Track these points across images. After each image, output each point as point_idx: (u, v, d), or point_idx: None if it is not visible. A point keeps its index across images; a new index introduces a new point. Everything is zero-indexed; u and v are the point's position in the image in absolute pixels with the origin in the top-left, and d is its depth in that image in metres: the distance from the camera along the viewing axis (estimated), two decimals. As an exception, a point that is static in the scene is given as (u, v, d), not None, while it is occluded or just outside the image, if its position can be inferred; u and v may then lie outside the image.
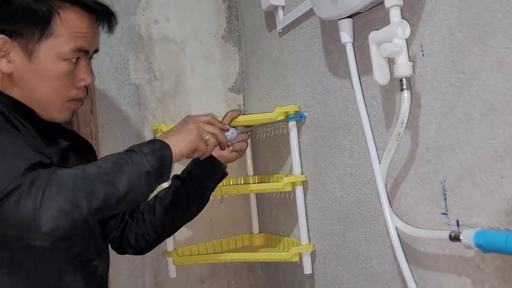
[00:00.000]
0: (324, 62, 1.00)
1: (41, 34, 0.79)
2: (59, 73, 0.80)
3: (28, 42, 0.78)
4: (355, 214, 0.94)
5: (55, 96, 0.81)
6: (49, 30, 0.79)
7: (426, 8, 0.72)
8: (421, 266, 0.77)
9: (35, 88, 0.80)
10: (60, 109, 0.83)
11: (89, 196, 0.65)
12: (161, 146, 0.77)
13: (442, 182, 0.71)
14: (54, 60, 0.80)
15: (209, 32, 1.42)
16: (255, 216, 1.37)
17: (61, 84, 0.81)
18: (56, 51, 0.79)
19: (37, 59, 0.79)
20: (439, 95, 0.71)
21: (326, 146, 1.02)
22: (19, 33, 0.78)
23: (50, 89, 0.80)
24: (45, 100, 0.81)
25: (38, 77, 0.79)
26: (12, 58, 0.79)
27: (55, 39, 0.79)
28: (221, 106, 1.41)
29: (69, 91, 0.83)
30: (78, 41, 0.81)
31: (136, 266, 1.27)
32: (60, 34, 0.79)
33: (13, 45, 0.78)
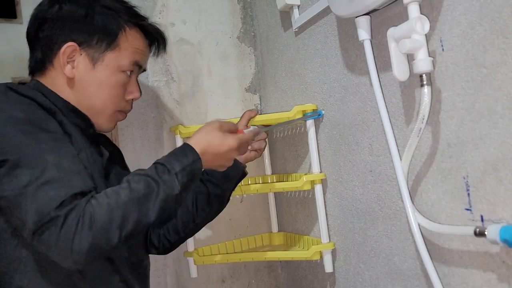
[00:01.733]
0: (341, 60, 1.00)
1: (108, 46, 0.86)
2: (116, 83, 0.87)
3: (95, 52, 0.85)
4: (375, 212, 0.94)
5: (108, 104, 0.88)
6: (116, 43, 0.86)
7: (445, 2, 0.71)
8: (445, 263, 0.76)
9: (92, 94, 0.86)
10: (109, 118, 0.90)
11: (120, 226, 0.69)
12: (192, 160, 0.79)
13: (465, 177, 0.71)
14: (114, 70, 0.87)
15: (224, 33, 1.43)
16: (274, 215, 1.37)
17: (116, 94, 0.88)
18: (118, 62, 0.87)
19: (100, 67, 0.86)
20: (460, 90, 0.70)
21: (344, 144, 1.02)
22: (88, 43, 0.85)
23: (106, 97, 0.87)
24: (99, 107, 0.87)
25: (97, 84, 0.86)
26: (77, 64, 0.85)
27: (119, 52, 0.87)
28: (238, 106, 1.42)
29: (120, 102, 0.90)
30: (136, 56, 0.89)
31: (158, 266, 1.28)
32: (123, 48, 0.87)
33: (81, 53, 0.85)
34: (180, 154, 0.80)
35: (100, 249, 0.68)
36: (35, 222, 0.65)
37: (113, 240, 0.69)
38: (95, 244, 0.67)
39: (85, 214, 0.67)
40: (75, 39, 0.84)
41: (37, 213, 0.65)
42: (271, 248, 1.32)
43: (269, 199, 1.38)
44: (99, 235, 0.67)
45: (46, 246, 0.66)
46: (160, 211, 0.73)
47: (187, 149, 0.81)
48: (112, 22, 0.86)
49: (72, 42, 0.84)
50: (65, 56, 0.84)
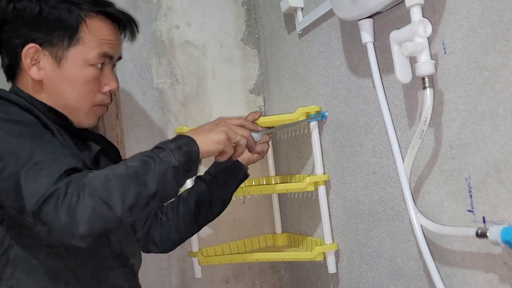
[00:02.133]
0: (344, 62, 1.01)
1: (70, 42, 0.82)
2: (86, 78, 0.84)
3: (58, 50, 0.82)
4: (378, 213, 0.94)
5: (82, 100, 0.85)
6: (77, 38, 0.83)
7: (447, 6, 0.72)
8: (447, 264, 0.77)
9: (64, 93, 0.83)
10: (87, 114, 0.87)
11: (121, 195, 0.68)
12: (187, 141, 0.78)
13: (467, 179, 0.71)
14: (81, 66, 0.83)
15: (228, 35, 1.44)
16: (278, 216, 1.38)
17: (88, 89, 0.85)
18: (84, 57, 0.83)
19: (65, 65, 0.82)
20: (462, 92, 0.71)
21: (348, 146, 1.03)
22: (49, 41, 0.82)
23: (78, 94, 0.84)
24: (73, 105, 0.84)
25: (66, 83, 0.83)
26: (42, 65, 0.82)
27: (82, 46, 0.83)
28: (242, 108, 1.43)
29: (95, 96, 0.86)
30: (103, 47, 0.85)
31: (163, 266, 1.29)
32: (87, 41, 0.83)
33: (44, 53, 0.82)
34: (175, 138, 0.80)
35: (103, 218, 0.67)
36: (35, 203, 0.65)
37: (116, 209, 0.67)
38: (98, 212, 0.66)
39: (84, 184, 0.66)
40: (35, 38, 0.81)
41: (35, 193, 0.65)
42: (274, 249, 1.33)
43: (273, 200, 1.39)
44: (101, 202, 0.66)
45: (50, 222, 0.65)
46: (159, 183, 0.71)
47: (180, 135, 0.82)
48: (70, 16, 0.82)
49: (32, 43, 0.81)
50: (28, 58, 0.81)
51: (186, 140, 0.79)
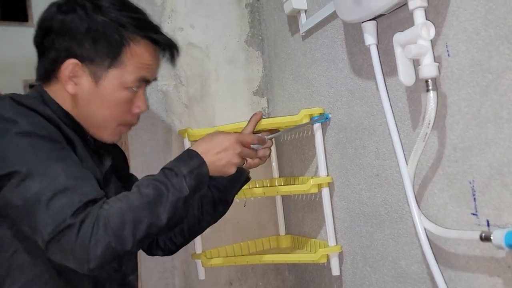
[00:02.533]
0: (347, 64, 1.01)
1: (111, 63, 0.82)
2: (119, 100, 0.84)
3: (98, 69, 0.82)
4: (382, 215, 0.94)
5: (111, 120, 0.85)
6: (119, 60, 0.82)
7: (450, 8, 0.72)
8: (451, 267, 0.77)
9: (95, 112, 0.84)
10: (112, 132, 0.87)
11: (133, 230, 0.70)
12: (198, 164, 0.81)
13: (471, 182, 0.71)
14: (117, 88, 0.83)
15: (232, 37, 1.44)
16: (281, 218, 1.38)
17: (119, 110, 0.85)
18: (121, 80, 0.83)
19: (102, 85, 0.82)
20: (465, 95, 0.71)
21: (351, 148, 1.02)
22: (91, 59, 0.81)
23: (108, 114, 0.84)
24: (101, 123, 0.85)
25: (100, 102, 0.83)
26: (79, 81, 0.82)
27: (122, 69, 0.83)
28: (246, 110, 1.43)
29: (125, 116, 0.87)
30: (142, 71, 0.85)
31: (167, 268, 1.29)
32: (127, 64, 0.83)
33: (83, 70, 0.82)
34: (187, 159, 0.81)
35: (114, 253, 0.69)
36: (51, 230, 0.66)
37: (127, 244, 0.70)
38: (110, 247, 0.68)
39: (99, 219, 0.68)
40: (78, 54, 0.81)
41: (53, 221, 0.67)
42: (278, 251, 1.33)
43: (277, 202, 1.39)
44: (114, 238, 0.68)
45: (64, 252, 0.68)
46: (171, 213, 0.74)
47: (192, 153, 0.82)
48: (116, 37, 0.82)
49: (74, 58, 0.81)
50: (67, 72, 0.81)
51: (198, 162, 0.81)
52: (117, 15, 0.82)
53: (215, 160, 0.84)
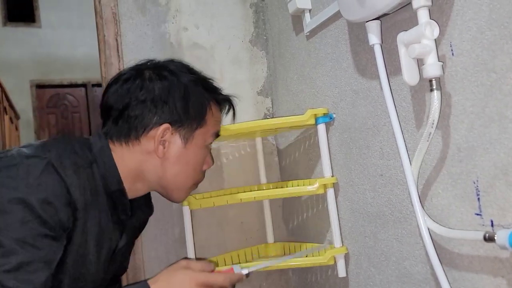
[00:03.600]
0: (352, 64, 1.01)
1: (198, 125, 0.85)
2: (201, 159, 0.87)
3: (187, 132, 0.84)
4: (386, 215, 0.94)
5: (191, 180, 0.87)
6: (204, 121, 0.86)
7: (455, 7, 0.71)
8: (455, 267, 0.76)
9: (178, 173, 0.84)
10: (187, 192, 0.89)
11: None
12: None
13: (475, 182, 0.71)
14: (201, 147, 0.86)
15: (237, 37, 1.44)
16: (270, 225, 1.36)
17: (199, 168, 0.88)
18: (205, 137, 0.87)
19: (190, 145, 0.84)
20: (470, 95, 0.70)
21: (355, 148, 1.02)
22: (182, 123, 0.83)
23: (190, 173, 0.86)
24: (182, 184, 0.86)
25: (185, 162, 0.84)
26: (168, 144, 0.83)
27: (206, 128, 0.86)
28: (250, 110, 1.43)
29: (199, 175, 0.89)
30: (217, 127, 0.90)
31: (170, 267, 1.30)
32: (209, 124, 0.87)
33: (172, 133, 0.83)
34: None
35: None
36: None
37: None
38: None
39: None
40: (169, 120, 0.82)
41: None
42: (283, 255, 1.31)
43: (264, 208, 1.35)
44: None
45: None
46: None
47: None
48: (204, 102, 0.85)
49: (167, 124, 0.82)
50: (159, 137, 0.81)
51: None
52: (202, 80, 0.88)
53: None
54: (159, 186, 0.86)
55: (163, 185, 0.86)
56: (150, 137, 0.82)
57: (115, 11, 1.30)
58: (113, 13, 1.29)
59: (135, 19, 1.33)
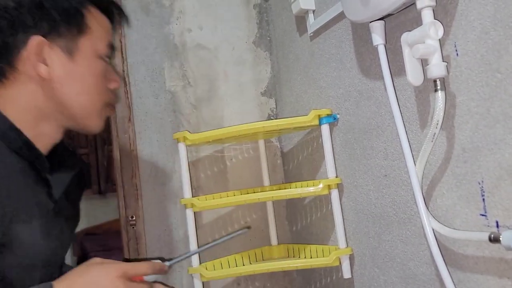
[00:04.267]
0: (356, 64, 1.00)
1: (79, 30, 0.72)
2: (98, 72, 0.75)
3: (67, 40, 0.71)
4: (390, 216, 0.94)
5: (95, 98, 0.75)
6: (85, 25, 0.73)
7: (459, 7, 0.71)
8: (460, 268, 0.76)
9: (76, 92, 0.73)
10: (99, 115, 0.77)
11: None
12: None
13: (480, 183, 0.70)
14: (93, 57, 0.74)
15: (240, 38, 1.44)
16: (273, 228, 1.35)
17: (101, 85, 0.76)
18: (95, 47, 0.74)
19: (78, 56, 0.72)
20: (474, 95, 0.70)
21: (359, 148, 1.02)
22: (56, 32, 0.71)
23: (92, 90, 0.74)
24: (87, 104, 0.74)
25: (79, 78, 0.73)
26: (50, 61, 0.71)
27: (92, 35, 0.74)
28: (254, 110, 1.43)
29: (106, 93, 0.77)
30: (109, 36, 0.77)
31: (174, 268, 1.30)
32: (94, 29, 0.74)
33: (51, 47, 0.71)
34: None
35: None
36: None
37: None
38: None
39: None
40: (39, 31, 0.69)
41: None
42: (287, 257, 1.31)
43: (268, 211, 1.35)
44: None
45: None
46: None
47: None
48: (75, 2, 0.72)
49: (37, 36, 0.69)
50: (33, 54, 0.69)
51: None
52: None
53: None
54: (67, 119, 0.74)
55: (69, 114, 0.73)
56: (25, 59, 0.69)
57: (119, 13, 1.30)
58: (117, 15, 1.30)
59: (139, 20, 1.34)
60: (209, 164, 1.37)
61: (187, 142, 1.16)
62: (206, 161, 1.37)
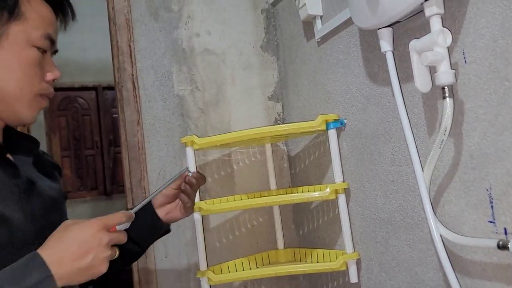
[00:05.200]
0: (363, 70, 1.01)
1: (10, 15, 0.71)
2: (29, 60, 0.73)
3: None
4: (397, 221, 0.94)
5: (25, 87, 0.73)
6: (18, 11, 0.72)
7: (467, 15, 0.72)
8: (467, 275, 0.76)
9: (3, 79, 0.72)
10: (29, 105, 0.74)
11: None
12: (38, 281, 0.59)
13: (488, 189, 0.71)
14: (24, 45, 0.72)
15: (248, 43, 1.45)
16: (280, 231, 1.36)
17: (32, 74, 0.74)
18: (27, 35, 0.72)
19: (6, 42, 0.71)
20: (483, 102, 0.70)
21: (366, 153, 1.02)
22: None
23: (20, 78, 0.73)
24: (14, 92, 0.72)
25: (7, 65, 0.72)
26: None
27: (25, 23, 0.72)
28: (261, 115, 1.44)
29: (39, 83, 0.75)
30: (47, 28, 0.75)
31: (182, 271, 1.31)
32: (30, 17, 0.73)
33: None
34: (22, 271, 0.59)
35: None
36: None
37: None
38: None
39: None
40: None
41: None
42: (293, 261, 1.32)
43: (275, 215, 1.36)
44: None
45: None
46: None
47: (34, 263, 0.60)
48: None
49: None
50: None
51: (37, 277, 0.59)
52: None
53: (75, 267, 0.61)
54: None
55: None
56: None
57: (128, 17, 1.32)
58: (126, 19, 1.31)
59: (148, 25, 1.35)
60: (216, 168, 1.38)
61: (195, 146, 1.17)
62: (213, 165, 1.37)
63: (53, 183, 0.84)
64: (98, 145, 3.97)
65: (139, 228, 0.85)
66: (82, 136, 4.04)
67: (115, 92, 1.33)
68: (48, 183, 0.82)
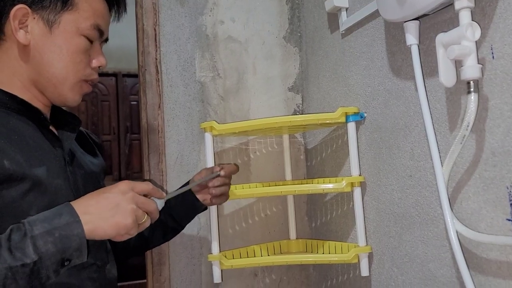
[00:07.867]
0: (386, 63, 1.00)
1: (63, 5, 0.77)
2: (77, 48, 0.78)
3: (50, 13, 0.76)
4: (413, 217, 0.94)
5: (70, 71, 0.79)
6: (71, 2, 0.78)
7: (498, 10, 0.71)
8: (482, 272, 0.76)
9: (52, 62, 0.77)
10: (73, 88, 0.80)
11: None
12: (66, 222, 0.63)
13: (509, 187, 0.70)
14: (73, 34, 0.78)
15: (271, 32, 1.45)
16: (293, 222, 1.37)
17: (78, 60, 0.79)
18: (77, 24, 0.78)
19: (57, 30, 0.77)
20: (508, 99, 0.70)
21: (385, 148, 1.02)
22: (41, 3, 0.76)
23: (66, 63, 0.78)
24: (60, 75, 0.78)
25: (56, 50, 0.77)
26: (31, 29, 0.76)
27: (77, 13, 0.78)
28: (280, 105, 1.45)
29: (84, 69, 0.80)
30: (97, 19, 0.80)
31: (194, 255, 1.33)
32: (81, 8, 0.78)
33: (33, 16, 0.76)
34: (53, 214, 0.64)
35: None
36: None
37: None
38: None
39: None
40: (25, 0, 0.75)
41: None
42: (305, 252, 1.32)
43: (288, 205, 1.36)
44: None
45: None
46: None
47: (64, 209, 0.65)
48: None
49: (22, 4, 0.75)
50: (16, 20, 0.75)
51: (66, 219, 0.63)
52: None
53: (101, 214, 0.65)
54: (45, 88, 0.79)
55: (46, 83, 0.78)
56: (9, 25, 0.76)
57: (155, 1, 1.33)
58: (153, 3, 1.32)
59: (174, 10, 1.36)
60: (233, 156, 1.39)
61: (214, 132, 1.17)
62: (230, 152, 1.39)
63: (94, 159, 0.91)
64: (115, 131, 4.02)
65: (181, 208, 1.00)
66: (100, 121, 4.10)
67: (138, 75, 1.34)
68: (89, 158, 0.89)
